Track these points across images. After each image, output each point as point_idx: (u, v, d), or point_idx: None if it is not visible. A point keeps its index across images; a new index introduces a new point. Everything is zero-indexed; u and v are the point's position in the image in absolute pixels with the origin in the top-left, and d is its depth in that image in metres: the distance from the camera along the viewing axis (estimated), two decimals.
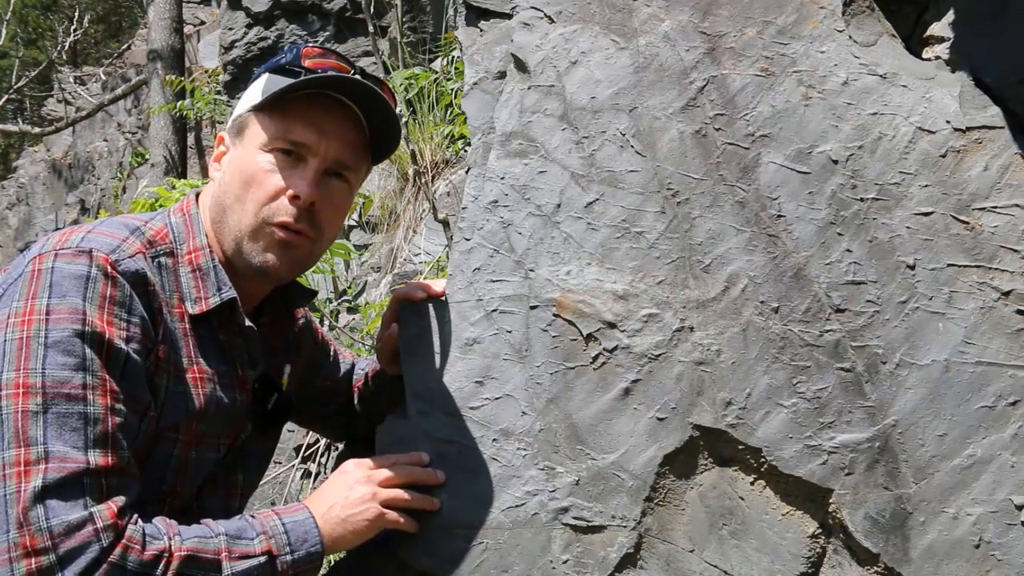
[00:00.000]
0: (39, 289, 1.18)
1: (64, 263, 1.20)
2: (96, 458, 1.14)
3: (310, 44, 1.43)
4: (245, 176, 1.35)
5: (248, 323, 1.39)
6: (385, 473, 1.39)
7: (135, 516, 1.17)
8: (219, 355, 1.36)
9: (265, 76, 1.40)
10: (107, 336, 1.18)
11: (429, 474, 1.43)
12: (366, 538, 1.35)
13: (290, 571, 1.25)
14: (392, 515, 1.36)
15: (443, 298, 1.53)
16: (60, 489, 1.11)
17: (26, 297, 1.18)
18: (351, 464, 1.41)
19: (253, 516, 1.29)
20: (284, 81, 1.35)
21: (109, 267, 1.21)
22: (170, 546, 1.16)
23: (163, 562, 1.14)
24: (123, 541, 1.12)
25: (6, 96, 12.28)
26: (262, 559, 1.23)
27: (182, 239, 1.36)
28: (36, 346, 1.15)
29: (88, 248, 1.21)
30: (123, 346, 1.20)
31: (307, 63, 1.37)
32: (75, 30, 12.76)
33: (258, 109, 1.38)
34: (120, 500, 1.15)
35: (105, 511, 1.12)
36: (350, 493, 1.35)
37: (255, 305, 1.47)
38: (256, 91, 1.40)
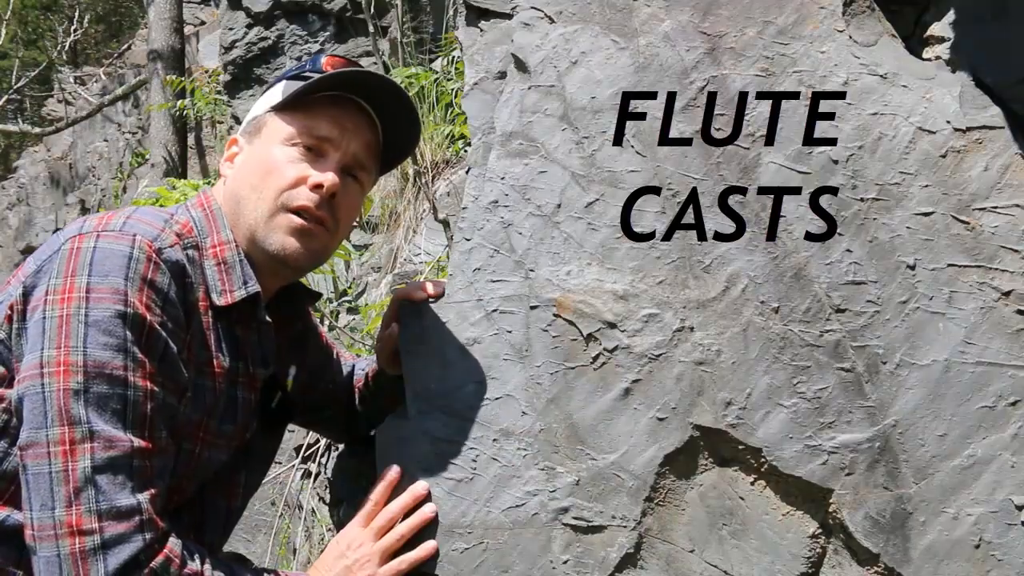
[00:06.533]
0: (78, 266, 1.18)
1: (107, 243, 1.20)
2: (137, 440, 1.15)
3: (330, 54, 1.45)
4: (265, 167, 1.36)
5: (267, 318, 1.40)
6: (381, 522, 1.39)
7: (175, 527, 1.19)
8: (233, 351, 1.36)
9: (283, 83, 1.41)
10: (148, 320, 1.19)
11: (425, 516, 1.41)
12: None
13: None
14: (396, 565, 1.37)
15: (442, 298, 1.53)
16: (108, 470, 1.12)
17: (65, 274, 1.18)
18: (347, 527, 1.41)
19: None
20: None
21: (153, 253, 1.22)
22: (202, 571, 1.18)
23: None
24: (165, 551, 1.14)
25: (6, 96, 12.27)
26: None
27: (205, 233, 1.35)
28: (76, 324, 1.15)
29: (133, 233, 1.22)
30: (161, 331, 1.21)
31: (328, 69, 1.39)
32: (75, 30, 12.74)
33: (279, 108, 1.39)
34: (159, 496, 1.17)
35: (148, 503, 1.14)
36: (353, 556, 1.36)
37: (265, 303, 1.48)
38: (275, 95, 1.41)
